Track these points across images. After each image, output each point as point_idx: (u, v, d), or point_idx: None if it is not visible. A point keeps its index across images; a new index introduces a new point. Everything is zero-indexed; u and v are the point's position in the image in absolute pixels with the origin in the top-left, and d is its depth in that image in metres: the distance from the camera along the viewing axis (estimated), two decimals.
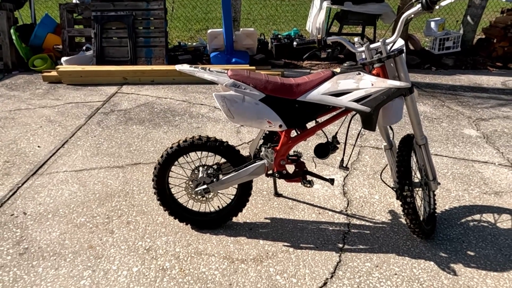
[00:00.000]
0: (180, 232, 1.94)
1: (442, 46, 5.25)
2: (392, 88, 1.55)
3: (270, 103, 1.64)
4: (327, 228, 2.01)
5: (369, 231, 2.00)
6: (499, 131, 3.23)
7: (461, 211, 2.19)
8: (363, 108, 1.57)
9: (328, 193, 2.31)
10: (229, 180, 1.77)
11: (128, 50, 4.68)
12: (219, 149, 1.76)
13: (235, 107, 1.61)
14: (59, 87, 4.13)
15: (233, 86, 1.62)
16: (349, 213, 2.14)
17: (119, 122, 3.24)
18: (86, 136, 2.97)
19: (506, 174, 2.59)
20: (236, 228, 1.98)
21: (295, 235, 1.95)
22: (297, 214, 2.12)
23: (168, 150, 1.78)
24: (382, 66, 1.65)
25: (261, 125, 1.64)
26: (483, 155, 2.83)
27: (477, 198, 2.32)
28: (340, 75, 1.63)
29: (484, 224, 2.09)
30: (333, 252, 1.84)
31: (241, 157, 1.81)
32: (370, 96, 1.57)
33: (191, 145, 1.76)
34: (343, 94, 1.61)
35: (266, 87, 1.62)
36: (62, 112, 3.43)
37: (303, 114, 1.67)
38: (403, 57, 1.66)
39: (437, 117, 3.49)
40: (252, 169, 1.75)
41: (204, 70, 1.65)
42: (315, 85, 1.63)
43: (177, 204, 1.92)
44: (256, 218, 2.07)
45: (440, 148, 2.92)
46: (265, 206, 2.17)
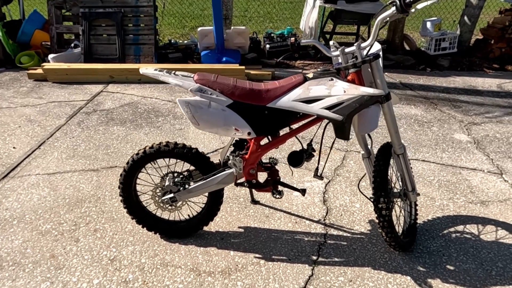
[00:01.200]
0: (148, 241, 1.87)
1: (438, 47, 5.14)
2: (365, 96, 1.46)
3: (238, 109, 1.55)
4: (302, 239, 1.93)
5: (346, 242, 1.92)
6: (490, 136, 3.14)
7: (444, 221, 2.11)
8: (334, 116, 1.48)
9: (307, 201, 2.23)
10: (196, 189, 1.69)
11: (116, 47, 4.60)
12: (187, 156, 1.68)
13: (200, 114, 1.53)
14: (44, 85, 4.06)
15: (198, 91, 1.53)
16: (327, 222, 2.06)
17: (100, 122, 3.16)
18: (65, 137, 2.90)
19: (494, 182, 2.50)
20: (207, 238, 1.91)
21: (268, 246, 1.87)
22: (273, 223, 2.04)
23: (134, 157, 1.70)
24: (357, 71, 1.57)
25: (228, 132, 1.56)
26: (472, 162, 2.74)
27: (462, 207, 2.23)
28: (312, 80, 1.55)
29: (467, 236, 2.01)
30: (306, 265, 1.77)
31: (211, 164, 1.73)
32: (343, 103, 1.49)
33: (158, 152, 1.68)
34: (314, 100, 1.52)
35: (234, 92, 1.53)
36: (44, 112, 3.36)
37: (273, 121, 1.59)
38: (380, 63, 1.57)
39: (428, 121, 3.40)
40: (220, 178, 1.67)
41: (169, 73, 1.57)
42: (285, 91, 1.55)
43: (146, 212, 1.84)
44: (230, 227, 1.99)
45: (428, 154, 2.83)
46: (240, 214, 2.10)
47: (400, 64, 4.99)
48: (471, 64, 5.05)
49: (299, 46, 1.65)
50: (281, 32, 5.46)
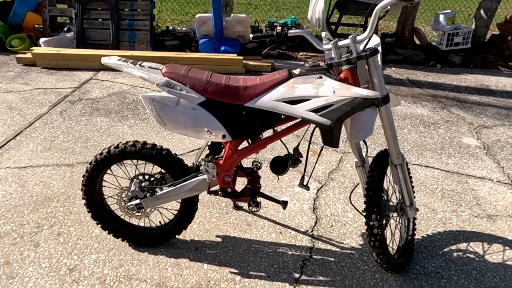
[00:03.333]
0: (114, 249, 1.69)
1: (450, 42, 4.84)
2: (358, 98, 1.25)
3: (211, 108, 1.35)
4: (285, 252, 1.75)
5: (334, 258, 1.73)
6: (502, 141, 2.90)
7: (446, 237, 1.90)
8: (322, 120, 1.28)
9: (295, 208, 2.04)
10: (165, 196, 1.51)
11: (110, 33, 4.39)
12: (155, 158, 1.49)
13: (167, 112, 1.33)
14: (32, 70, 3.88)
15: (166, 86, 1.33)
16: (315, 234, 1.87)
17: (84, 112, 2.98)
18: (44, 128, 2.73)
19: (504, 193, 2.28)
20: (180, 247, 1.73)
21: (247, 260, 1.69)
22: (255, 232, 1.85)
23: (97, 157, 1.52)
24: (351, 68, 1.35)
25: (199, 134, 1.37)
26: (480, 169, 2.51)
27: (467, 222, 2.02)
28: (298, 78, 1.34)
29: (471, 255, 1.80)
30: (287, 283, 1.58)
31: (184, 168, 1.54)
32: (332, 106, 1.27)
33: (123, 152, 1.49)
34: (300, 101, 1.31)
35: (206, 88, 1.33)
36: (27, 99, 3.19)
37: (252, 122, 1.39)
38: (378, 59, 1.35)
39: (435, 122, 3.16)
40: (192, 185, 1.48)
41: (134, 64, 1.37)
42: (267, 88, 1.34)
43: (113, 217, 1.67)
44: (207, 236, 1.81)
45: (433, 159, 2.61)
46: (220, 220, 1.91)
47: (408, 59, 4.71)
48: (485, 61, 4.75)
49: (285, 37, 1.44)
50: (284, 22, 5.20)
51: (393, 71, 4.40)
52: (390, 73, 4.33)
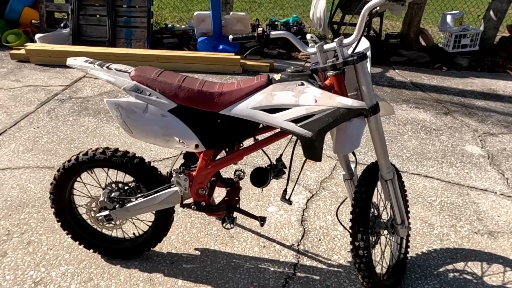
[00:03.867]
0: (86, 261, 1.60)
1: (457, 44, 4.67)
2: (342, 109, 1.13)
3: (183, 115, 1.24)
4: (267, 269, 1.63)
5: (319, 276, 1.62)
6: (508, 150, 2.75)
7: (442, 256, 1.77)
8: (302, 131, 1.16)
9: (282, 219, 1.93)
10: (135, 208, 1.40)
11: (107, 30, 4.31)
12: (126, 167, 1.39)
13: (133, 119, 1.22)
14: (26, 66, 3.81)
15: (133, 91, 1.23)
16: (301, 248, 1.76)
17: (72, 112, 2.90)
18: (29, 127, 2.65)
19: (508, 207, 2.14)
20: (155, 260, 1.63)
21: (225, 276, 1.58)
22: (237, 245, 1.74)
23: (65, 164, 1.42)
24: (337, 75, 1.23)
25: (169, 144, 1.26)
26: (483, 181, 2.37)
27: (466, 238, 1.89)
28: (277, 84, 1.22)
29: (468, 277, 1.67)
30: None
31: (157, 178, 1.43)
32: (313, 116, 1.16)
33: (92, 160, 1.39)
34: (280, 110, 1.20)
35: (178, 94, 1.22)
36: (16, 96, 3.12)
37: (228, 131, 1.27)
38: (367, 65, 1.23)
39: (437, 128, 3.02)
40: (163, 197, 1.37)
41: (102, 67, 1.26)
42: (243, 95, 1.23)
43: (84, 227, 1.57)
44: (185, 248, 1.71)
45: (433, 168, 2.47)
46: (201, 231, 1.81)
47: (413, 61, 4.55)
48: (493, 64, 4.57)
49: (267, 39, 1.32)
50: (286, 20, 5.06)
51: (396, 73, 4.25)
52: (393, 75, 4.18)
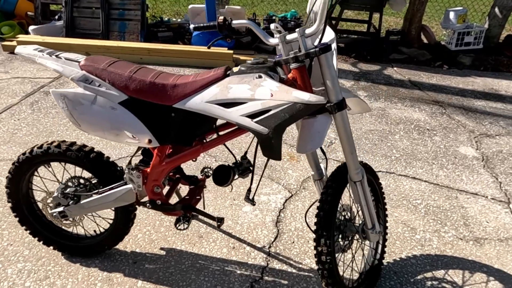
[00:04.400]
0: (45, 258, 1.54)
1: (460, 42, 4.51)
2: (298, 104, 1.04)
3: (135, 108, 1.17)
4: (233, 272, 1.56)
5: (288, 281, 1.54)
6: (504, 153, 2.62)
7: (422, 262, 1.68)
8: (258, 128, 1.08)
9: (256, 220, 1.85)
10: (90, 205, 1.34)
11: (100, 22, 4.26)
12: (82, 161, 1.33)
13: (80, 111, 1.15)
14: (17, 58, 3.78)
15: (82, 81, 1.16)
16: (273, 251, 1.68)
17: (55, 104, 2.85)
18: (9, 119, 2.61)
19: (498, 213, 2.03)
20: (117, 259, 1.57)
21: (188, 278, 1.51)
22: (205, 246, 1.67)
23: (20, 157, 1.36)
24: (300, 67, 1.14)
25: (119, 138, 1.19)
26: (475, 184, 2.26)
27: (449, 245, 1.79)
28: (234, 76, 1.14)
29: (447, 285, 1.58)
30: None
31: (115, 175, 1.36)
32: (269, 111, 1.07)
33: (46, 153, 1.33)
34: (236, 104, 1.12)
35: (128, 85, 1.15)
36: (2, 88, 3.08)
37: (183, 126, 1.20)
38: (332, 57, 1.14)
39: (431, 128, 2.90)
40: (118, 195, 1.30)
41: (51, 55, 1.20)
42: (198, 88, 1.15)
43: (43, 223, 1.52)
44: (150, 247, 1.64)
45: (422, 170, 2.37)
46: (169, 230, 1.74)
47: (413, 59, 4.41)
48: (498, 63, 4.40)
49: (229, 28, 1.24)
50: (283, 15, 4.95)
51: (395, 71, 4.12)
52: (391, 73, 4.05)
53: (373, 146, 2.60)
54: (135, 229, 1.72)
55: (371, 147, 2.60)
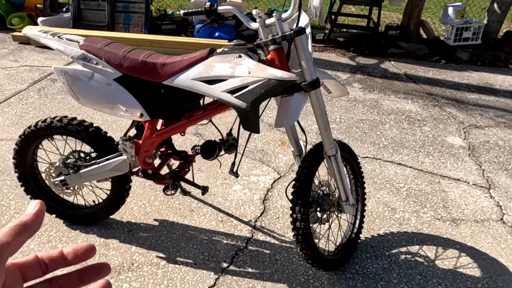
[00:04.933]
0: (48, 225, 1.69)
1: (459, 37, 4.57)
2: (272, 80, 1.16)
3: (128, 84, 1.30)
4: (220, 241, 1.69)
5: (270, 250, 1.66)
6: (491, 143, 2.71)
7: (398, 239, 1.79)
8: (237, 102, 1.19)
9: (245, 197, 1.97)
10: (88, 174, 1.47)
11: (105, 14, 4.40)
12: (81, 135, 1.46)
13: (79, 86, 1.28)
14: (26, 48, 3.95)
15: (81, 59, 1.29)
16: (258, 224, 1.80)
17: (61, 91, 3.00)
18: (18, 103, 2.76)
19: (477, 197, 2.12)
20: (114, 228, 1.70)
21: (178, 246, 1.64)
22: (195, 219, 1.80)
23: (26, 131, 1.50)
24: (278, 49, 1.26)
25: (113, 111, 1.31)
26: (458, 171, 2.35)
27: (426, 224, 1.89)
28: (216, 56, 1.26)
29: (420, 259, 1.69)
30: (212, 272, 1.53)
31: (112, 147, 1.49)
32: (247, 87, 1.19)
33: (49, 127, 1.46)
34: (218, 81, 1.24)
35: (122, 63, 1.27)
36: (11, 75, 3.24)
37: (171, 102, 1.32)
38: (306, 39, 1.25)
39: (422, 119, 2.99)
40: (114, 165, 1.43)
41: (53, 36, 1.33)
42: (185, 66, 1.27)
43: (47, 193, 1.66)
44: (144, 218, 1.77)
45: (408, 157, 2.46)
46: (163, 204, 1.87)
47: (411, 53, 4.48)
48: (495, 59, 4.45)
49: (215, 13, 1.35)
50: (285, 9, 5.04)
51: (392, 65, 4.19)
52: (388, 67, 4.13)
53: (362, 134, 2.70)
54: (131, 202, 1.86)
55: (361, 135, 2.70)
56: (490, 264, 1.68)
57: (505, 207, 2.06)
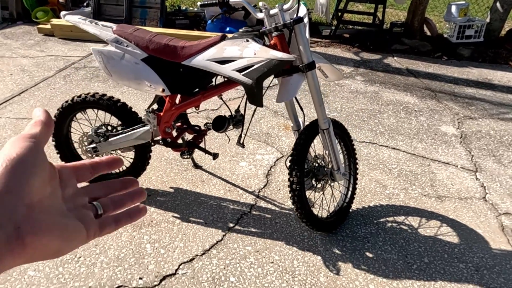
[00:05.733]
0: None
1: (461, 34, 4.71)
2: (274, 60, 1.38)
3: (153, 64, 1.53)
4: (227, 206, 1.92)
5: (271, 215, 1.89)
6: (483, 132, 2.88)
7: (386, 210, 2.00)
8: (244, 79, 1.42)
9: (250, 172, 2.20)
10: (116, 142, 1.72)
11: (123, 9, 4.67)
12: (111, 108, 1.71)
13: (112, 65, 1.52)
14: (50, 39, 4.24)
15: (114, 42, 1.53)
16: (261, 194, 2.03)
17: (84, 78, 3.27)
18: (46, 88, 3.04)
19: (464, 178, 2.31)
20: None
21: (191, 208, 1.88)
22: (206, 188, 2.04)
23: (63, 104, 1.75)
24: (280, 35, 1.48)
25: (140, 86, 1.56)
26: (448, 156, 2.54)
27: (413, 199, 2.10)
28: (227, 40, 1.49)
29: (404, 227, 1.89)
30: (220, 230, 1.76)
31: (135, 119, 1.74)
32: (253, 66, 1.42)
33: (84, 101, 1.71)
34: (229, 61, 1.46)
35: (148, 46, 1.51)
36: (38, 64, 3.53)
37: (189, 79, 1.56)
38: (303, 27, 1.47)
39: (419, 110, 3.18)
40: (138, 134, 1.68)
41: (91, 23, 1.58)
42: (201, 49, 1.50)
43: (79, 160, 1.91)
44: (161, 186, 2.02)
45: (402, 142, 2.66)
46: (177, 176, 2.11)
47: (414, 49, 4.64)
48: (496, 56, 4.58)
49: (227, 4, 1.58)
50: None
51: (394, 60, 4.37)
52: (390, 62, 4.31)
53: (361, 122, 2.91)
54: (150, 173, 2.11)
55: (360, 122, 2.90)
56: (468, 234, 1.88)
57: (489, 187, 2.24)
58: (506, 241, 1.85)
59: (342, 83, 3.60)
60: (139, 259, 1.58)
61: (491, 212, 2.04)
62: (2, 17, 4.85)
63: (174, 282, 1.49)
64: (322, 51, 4.47)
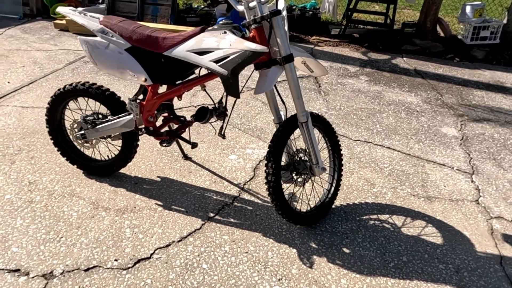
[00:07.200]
0: (70, 173, 2.03)
1: (476, 36, 4.57)
2: (248, 51, 1.40)
3: (136, 54, 1.59)
4: (211, 197, 1.95)
5: (252, 207, 1.90)
6: (486, 135, 2.79)
7: (371, 208, 1.98)
8: (220, 70, 1.45)
9: (238, 165, 2.23)
10: (102, 129, 1.79)
11: (136, 6, 4.80)
12: (99, 97, 1.77)
13: (97, 54, 1.59)
14: (65, 34, 4.41)
15: (100, 32, 1.59)
16: (246, 187, 2.05)
17: (91, 71, 3.39)
18: (55, 80, 3.17)
19: (458, 180, 2.25)
20: (123, 179, 2.02)
21: (174, 197, 1.92)
22: (192, 178, 2.08)
23: (56, 92, 1.84)
24: (259, 28, 1.50)
25: (123, 75, 1.61)
26: (445, 157, 2.48)
27: (401, 198, 2.06)
28: (206, 32, 1.52)
29: (387, 225, 1.87)
30: (199, 219, 1.80)
31: (123, 108, 1.80)
32: (228, 57, 1.44)
33: (74, 90, 1.79)
34: (208, 52, 1.50)
35: (131, 36, 1.56)
36: (50, 57, 3.68)
37: (170, 70, 1.60)
38: (281, 20, 1.48)
39: (421, 110, 3.11)
40: (123, 122, 1.73)
41: (80, 14, 1.65)
42: (181, 40, 1.54)
43: (71, 146, 1.99)
44: (149, 175, 2.07)
45: (399, 142, 2.62)
46: (166, 166, 2.16)
47: (425, 50, 4.54)
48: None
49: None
50: (303, 6, 5.24)
51: (403, 61, 4.29)
52: (399, 62, 4.23)
53: (359, 121, 2.88)
54: (139, 162, 2.17)
55: (357, 121, 2.87)
56: (454, 235, 1.83)
57: (483, 190, 2.18)
58: (493, 245, 1.79)
59: (345, 82, 3.57)
60: (117, 242, 1.63)
61: (482, 215, 1.98)
62: (23, 13, 5.08)
63: (148, 265, 1.54)
64: (330, 50, 4.44)
